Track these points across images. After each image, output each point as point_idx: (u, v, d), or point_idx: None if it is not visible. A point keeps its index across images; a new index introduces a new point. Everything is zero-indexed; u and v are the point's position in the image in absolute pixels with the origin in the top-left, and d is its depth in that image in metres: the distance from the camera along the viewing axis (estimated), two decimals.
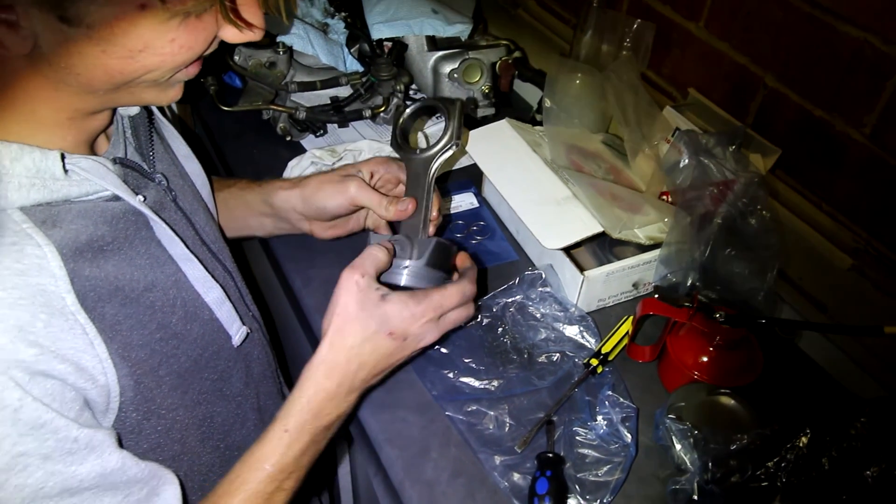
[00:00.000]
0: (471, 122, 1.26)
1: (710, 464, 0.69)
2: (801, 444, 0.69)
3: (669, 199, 0.99)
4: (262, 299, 1.11)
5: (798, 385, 0.89)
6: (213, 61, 1.16)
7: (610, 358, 0.85)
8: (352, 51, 1.24)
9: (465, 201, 1.13)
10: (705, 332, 0.81)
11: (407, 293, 0.69)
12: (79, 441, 0.53)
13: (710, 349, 0.82)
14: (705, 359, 0.82)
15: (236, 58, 1.16)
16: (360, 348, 0.66)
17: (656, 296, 0.83)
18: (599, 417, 0.78)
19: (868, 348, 0.90)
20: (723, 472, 0.69)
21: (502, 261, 1.03)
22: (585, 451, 0.76)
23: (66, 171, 0.56)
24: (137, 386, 0.60)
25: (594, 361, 0.84)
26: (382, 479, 0.80)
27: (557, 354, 0.86)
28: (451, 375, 0.84)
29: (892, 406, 0.73)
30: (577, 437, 0.77)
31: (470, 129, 1.07)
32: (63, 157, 0.55)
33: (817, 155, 0.94)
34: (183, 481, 0.62)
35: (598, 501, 0.72)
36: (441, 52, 1.25)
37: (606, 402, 0.78)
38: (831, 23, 0.87)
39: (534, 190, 0.97)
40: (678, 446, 0.73)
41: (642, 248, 0.95)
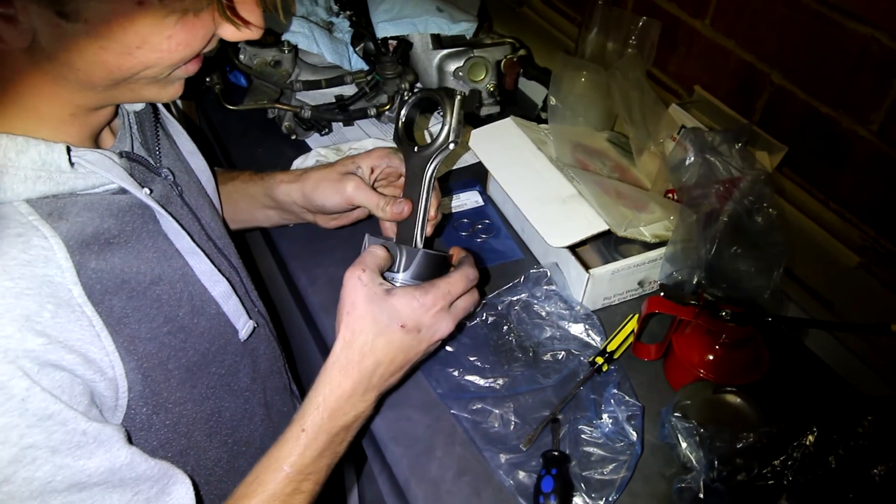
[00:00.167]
0: (475, 120, 1.26)
1: (716, 462, 0.69)
2: (807, 443, 0.69)
3: (675, 197, 0.99)
4: (268, 296, 1.11)
5: (805, 383, 0.89)
6: (218, 60, 1.17)
7: (615, 356, 0.85)
8: (357, 49, 1.24)
9: (469, 199, 1.13)
10: (711, 330, 0.81)
11: (412, 285, 0.69)
12: (87, 434, 0.53)
13: (716, 347, 0.82)
14: (711, 357, 0.82)
15: (241, 56, 1.16)
16: (374, 344, 0.66)
17: (662, 294, 0.83)
18: (605, 416, 0.78)
19: (875, 346, 0.89)
20: (729, 470, 0.69)
21: (507, 259, 1.03)
22: (591, 449, 0.76)
23: (72, 164, 0.56)
24: (145, 380, 0.60)
25: (599, 360, 0.84)
26: (388, 477, 0.80)
27: (563, 353, 0.86)
28: (456, 373, 0.84)
29: None
30: (583, 436, 0.77)
31: (474, 128, 1.07)
32: (69, 150, 0.56)
33: (824, 152, 0.94)
34: (190, 476, 0.62)
35: (604, 500, 0.72)
36: (446, 51, 1.25)
37: (612, 401, 0.78)
38: (838, 19, 0.86)
39: (539, 188, 0.97)
40: (684, 444, 0.73)
41: (648, 247, 0.95)
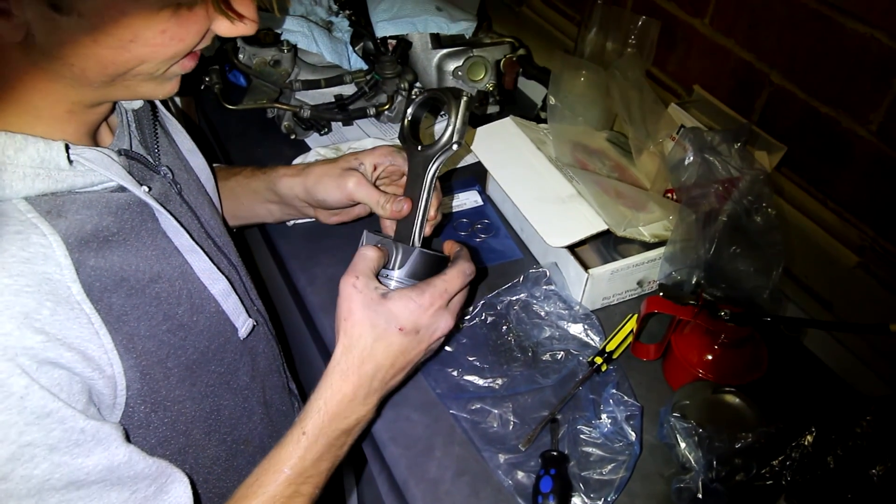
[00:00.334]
0: (475, 119, 1.26)
1: (714, 462, 0.69)
2: (806, 443, 0.69)
3: (674, 197, 0.99)
4: (267, 295, 1.11)
5: (803, 383, 0.89)
6: (218, 59, 1.17)
7: (614, 356, 0.85)
8: (356, 49, 1.24)
9: (469, 199, 1.13)
10: (710, 330, 0.81)
11: (408, 287, 0.69)
12: (85, 432, 0.53)
13: (715, 347, 0.82)
14: (710, 357, 0.82)
15: (240, 56, 1.16)
16: (373, 349, 0.66)
17: (661, 294, 0.83)
18: (604, 416, 0.78)
19: (874, 346, 0.89)
20: (727, 470, 0.69)
21: (506, 259, 1.03)
22: (590, 449, 0.76)
23: (71, 162, 0.56)
24: (144, 378, 0.60)
25: (598, 359, 0.84)
26: (387, 477, 0.80)
27: (562, 352, 0.86)
28: (455, 373, 0.84)
29: None
30: (582, 436, 0.77)
31: (474, 127, 1.07)
32: (67, 148, 0.56)
33: (823, 152, 0.94)
34: (188, 475, 0.62)
35: (603, 500, 0.72)
36: (445, 50, 1.25)
37: (611, 401, 0.78)
38: (837, 19, 0.86)
39: (538, 188, 0.97)
40: (683, 444, 0.73)
41: (647, 246, 0.95)
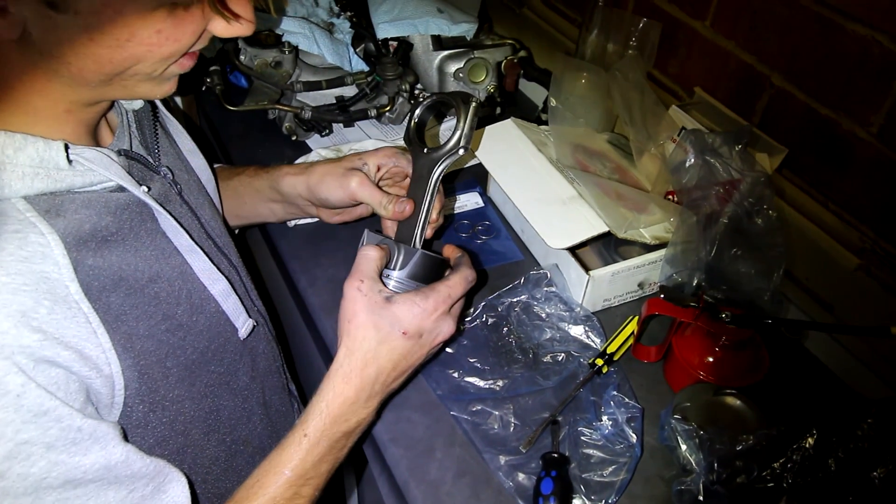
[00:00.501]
0: (478, 120, 1.26)
1: (715, 464, 0.69)
2: (807, 445, 0.69)
3: (675, 199, 0.99)
4: (268, 296, 1.11)
5: (804, 385, 0.89)
6: (219, 61, 1.17)
7: (615, 358, 0.85)
8: (357, 50, 1.25)
9: (470, 201, 1.13)
10: (711, 332, 0.81)
11: (412, 291, 0.69)
12: (83, 431, 0.53)
13: (716, 349, 0.82)
14: (711, 359, 0.82)
15: (242, 57, 1.16)
16: (376, 352, 0.66)
17: (662, 296, 0.83)
18: (605, 417, 0.78)
19: (875, 349, 0.89)
20: (728, 472, 0.69)
21: (507, 260, 1.03)
22: (590, 451, 0.76)
23: (70, 162, 0.56)
24: (142, 377, 0.60)
25: (599, 361, 0.84)
26: (387, 478, 0.80)
27: (562, 354, 0.86)
28: (455, 375, 0.84)
29: None
30: (583, 438, 0.77)
31: (477, 129, 1.07)
32: (67, 148, 0.56)
33: (824, 154, 0.94)
34: (187, 475, 0.62)
35: (603, 502, 0.72)
36: (446, 52, 1.25)
37: (612, 403, 0.78)
38: (838, 21, 0.86)
39: (539, 189, 0.97)
40: (684, 447, 0.73)
41: (648, 248, 0.95)
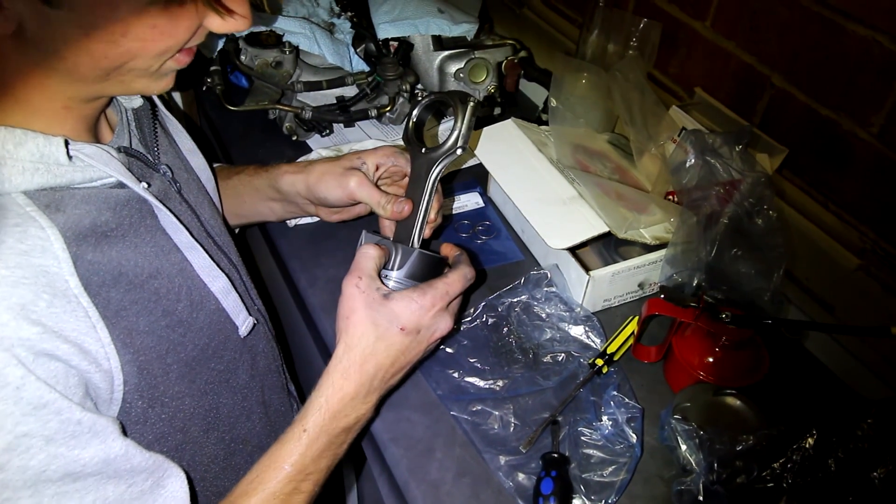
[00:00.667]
0: (477, 121, 1.26)
1: (715, 464, 0.69)
2: (807, 445, 0.69)
3: (675, 199, 0.99)
4: (267, 296, 1.11)
5: (804, 386, 0.89)
6: (220, 61, 1.17)
7: (615, 358, 0.85)
8: (358, 50, 1.25)
9: (470, 201, 1.13)
10: (711, 332, 0.81)
11: (409, 287, 0.70)
12: (82, 424, 0.53)
13: (716, 349, 0.82)
14: (711, 359, 0.82)
15: (242, 57, 1.16)
16: (374, 347, 0.67)
17: (662, 296, 0.83)
18: (605, 418, 0.78)
19: (875, 349, 0.89)
20: (728, 472, 0.69)
21: (507, 260, 1.03)
22: (590, 451, 0.76)
23: (70, 158, 0.56)
24: (142, 373, 0.60)
25: (599, 362, 0.84)
26: (387, 478, 0.80)
27: (563, 354, 0.86)
28: (456, 375, 0.84)
29: None
30: (583, 438, 0.77)
31: (476, 129, 1.07)
32: (67, 144, 0.56)
33: (824, 154, 0.94)
34: (186, 472, 0.62)
35: (603, 502, 0.72)
36: (447, 52, 1.25)
37: (612, 403, 0.78)
38: (839, 21, 0.86)
39: (539, 190, 0.97)
40: (684, 447, 0.73)
41: (648, 248, 0.95)
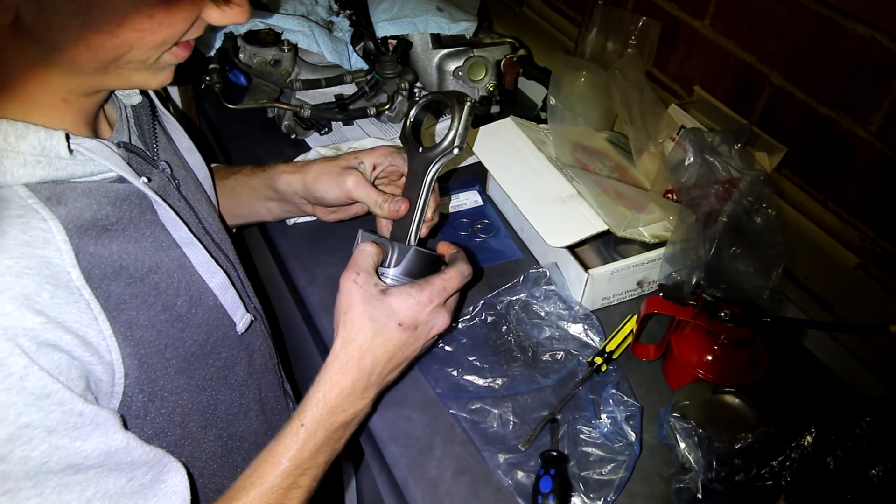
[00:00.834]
0: (476, 119, 1.26)
1: (714, 462, 0.69)
2: (805, 444, 0.69)
3: (674, 198, 0.99)
4: (264, 294, 1.11)
5: (803, 384, 0.89)
6: (218, 59, 1.17)
7: (614, 356, 0.85)
8: (356, 49, 1.24)
9: (469, 199, 1.13)
10: (710, 330, 0.81)
11: (407, 283, 0.70)
12: (84, 415, 0.53)
13: (715, 348, 0.82)
14: (710, 357, 0.82)
15: (241, 55, 1.16)
16: (372, 343, 0.67)
17: (661, 294, 0.83)
18: (603, 416, 0.78)
19: (874, 347, 0.89)
20: (727, 470, 0.69)
21: (506, 259, 1.03)
22: (589, 449, 0.76)
23: (71, 151, 0.56)
24: (142, 366, 0.60)
25: (598, 360, 0.84)
26: (386, 477, 0.80)
27: (562, 353, 0.86)
28: (455, 373, 0.84)
29: None
30: (581, 436, 0.77)
31: (475, 128, 1.07)
32: (68, 137, 0.56)
33: (823, 153, 0.94)
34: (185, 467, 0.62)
35: (602, 500, 0.72)
36: (446, 50, 1.25)
37: (611, 401, 0.78)
38: (838, 20, 0.86)
39: (538, 188, 0.97)
40: (682, 445, 0.73)
41: (647, 247, 0.95)
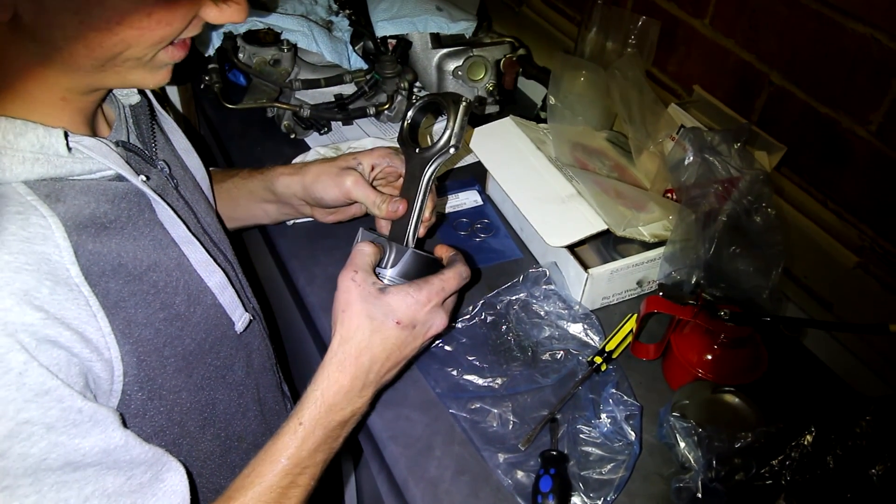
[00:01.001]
0: (475, 119, 1.26)
1: (714, 462, 0.69)
2: (805, 443, 0.69)
3: (674, 197, 0.99)
4: (263, 295, 1.11)
5: (803, 383, 0.89)
6: (217, 59, 1.17)
7: (614, 356, 0.85)
8: (356, 48, 1.24)
9: (468, 199, 1.13)
10: (710, 329, 0.81)
11: (406, 283, 0.70)
12: (83, 413, 0.53)
13: (715, 347, 0.82)
14: (710, 357, 0.82)
15: (240, 55, 1.16)
16: (370, 341, 0.67)
17: (661, 293, 0.83)
18: (603, 415, 0.78)
19: (873, 346, 0.89)
20: (727, 470, 0.69)
21: (506, 258, 1.03)
22: (589, 448, 0.76)
23: (70, 149, 0.56)
24: (141, 364, 0.60)
25: (598, 359, 0.84)
26: (386, 476, 0.80)
27: (561, 352, 0.86)
28: (454, 373, 0.84)
29: None
30: (581, 435, 0.77)
31: (474, 127, 1.07)
32: (66, 135, 0.56)
33: (823, 152, 0.94)
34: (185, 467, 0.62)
35: (602, 499, 0.72)
36: (445, 50, 1.25)
37: (610, 400, 0.78)
38: (837, 19, 0.86)
39: (538, 187, 0.97)
40: (682, 444, 0.73)
41: (647, 246, 0.95)
